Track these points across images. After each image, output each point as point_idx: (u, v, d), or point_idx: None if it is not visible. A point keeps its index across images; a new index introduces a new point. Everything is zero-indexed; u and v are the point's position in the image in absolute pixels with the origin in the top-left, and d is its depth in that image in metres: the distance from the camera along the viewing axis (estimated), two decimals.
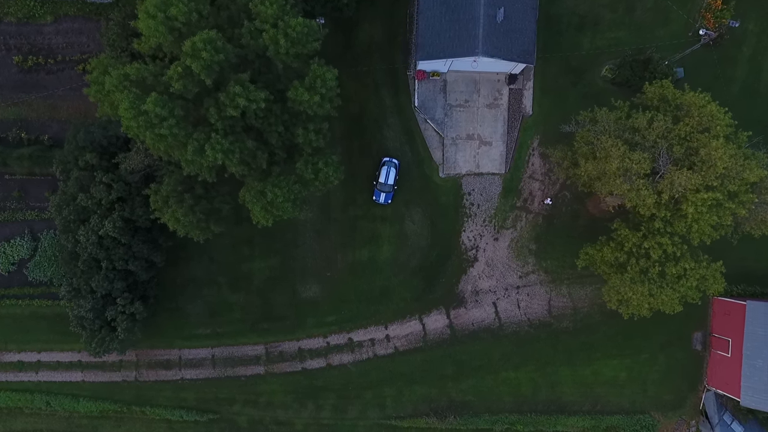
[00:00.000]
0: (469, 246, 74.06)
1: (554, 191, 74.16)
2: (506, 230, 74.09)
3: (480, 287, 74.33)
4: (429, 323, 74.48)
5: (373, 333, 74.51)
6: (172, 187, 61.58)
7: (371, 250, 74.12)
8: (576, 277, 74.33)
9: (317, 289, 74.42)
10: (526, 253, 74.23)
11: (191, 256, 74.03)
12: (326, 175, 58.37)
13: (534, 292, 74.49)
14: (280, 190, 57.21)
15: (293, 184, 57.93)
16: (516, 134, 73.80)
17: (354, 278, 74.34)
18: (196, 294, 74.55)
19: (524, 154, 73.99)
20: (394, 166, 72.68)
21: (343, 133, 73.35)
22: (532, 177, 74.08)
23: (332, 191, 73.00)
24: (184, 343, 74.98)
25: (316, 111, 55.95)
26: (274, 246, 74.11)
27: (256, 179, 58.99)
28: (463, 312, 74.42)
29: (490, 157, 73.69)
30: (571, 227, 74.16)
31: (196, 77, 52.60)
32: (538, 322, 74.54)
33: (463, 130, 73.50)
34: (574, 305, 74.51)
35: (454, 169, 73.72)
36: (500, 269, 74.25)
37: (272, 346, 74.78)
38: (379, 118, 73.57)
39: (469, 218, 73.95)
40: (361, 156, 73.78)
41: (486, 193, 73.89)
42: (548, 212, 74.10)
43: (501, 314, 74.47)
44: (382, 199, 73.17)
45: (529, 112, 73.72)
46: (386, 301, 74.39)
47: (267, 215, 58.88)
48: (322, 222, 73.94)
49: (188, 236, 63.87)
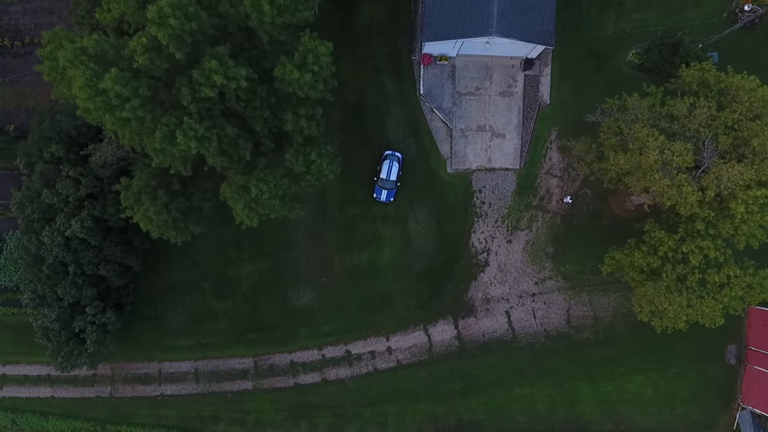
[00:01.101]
0: (480, 249, 64.06)
1: (574, 188, 64.16)
2: (521, 232, 64.07)
3: (491, 294, 64.32)
4: (435, 334, 64.48)
5: (373, 345, 64.44)
6: (144, 181, 51.51)
7: (371, 253, 64.03)
8: (598, 283, 64.29)
9: (311, 296, 64.39)
10: (542, 257, 64.21)
11: (172, 260, 63.98)
12: (320, 168, 48.20)
13: (551, 300, 64.46)
14: (265, 185, 47.10)
15: (281, 179, 47.80)
16: (532, 125, 63.80)
17: (352, 284, 64.25)
18: (178, 301, 64.47)
19: (541, 148, 63.96)
20: (397, 160, 62.70)
21: (341, 123, 63.32)
22: (550, 173, 64.06)
23: (328, 188, 63.04)
24: (164, 355, 64.82)
25: (308, 93, 45.89)
26: (263, 248, 64.10)
27: (239, 172, 48.91)
28: (473, 322, 64.40)
29: (504, 150, 63.67)
30: (592, 228, 64.10)
31: (164, 51, 42.53)
32: (556, 333, 64.51)
33: (474, 121, 63.47)
34: (596, 315, 64.48)
35: (463, 164, 63.74)
36: (514, 275, 64.23)
37: (262, 359, 64.71)
38: (381, 107, 63.50)
39: (480, 218, 63.94)
40: (360, 149, 63.70)
41: (498, 190, 63.90)
42: (567, 212, 64.08)
43: (515, 324, 64.45)
44: (383, 196, 63.17)
45: (546, 101, 63.69)
46: (388, 310, 64.35)
47: (251, 214, 48.80)
48: (317, 222, 63.92)
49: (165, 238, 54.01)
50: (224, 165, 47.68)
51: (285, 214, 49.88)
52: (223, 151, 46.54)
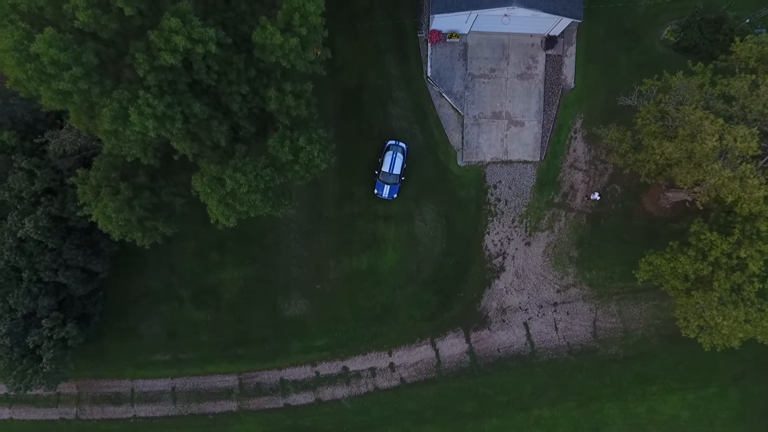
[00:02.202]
0: (495, 252, 54.02)
1: (601, 184, 54.04)
2: (541, 233, 54.02)
3: (508, 304, 54.27)
4: (444, 348, 54.42)
5: (373, 360, 54.40)
6: (103, 173, 41.44)
7: (372, 257, 53.96)
8: (628, 291, 54.23)
9: (304, 305, 54.31)
10: (565, 262, 54.15)
11: (146, 264, 53.78)
12: (310, 156, 38.03)
13: (575, 311, 54.43)
14: (244, 176, 37.00)
15: (263, 169, 37.61)
16: (554, 112, 53.76)
17: (350, 292, 54.19)
18: (153, 311, 54.29)
19: (564, 138, 53.88)
20: (401, 151, 52.69)
21: (337, 110, 53.19)
22: (574, 166, 53.97)
23: (323, 182, 52.95)
24: (137, 372, 54.63)
25: (295, 63, 35.78)
26: (250, 251, 54.02)
27: (214, 161, 38.92)
28: (487, 335, 54.36)
29: (522, 140, 53.62)
30: (622, 229, 53.97)
31: (113, 6, 32.70)
32: (580, 347, 54.48)
33: (488, 107, 53.42)
34: (626, 327, 54.45)
35: (476, 156, 53.71)
36: (533, 281, 54.20)
37: (247, 376, 54.62)
38: (383, 91, 53.44)
39: (495, 217, 53.91)
40: (359, 139, 53.58)
41: (516, 186, 53.84)
42: (594, 210, 54.00)
43: (534, 337, 54.42)
44: (385, 192, 53.12)
45: (570, 85, 53.62)
46: (390, 321, 54.29)
47: (227, 212, 38.67)
48: (311, 221, 53.86)
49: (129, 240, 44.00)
50: (194, 152, 37.69)
51: (268, 211, 39.68)
52: (191, 135, 36.50)
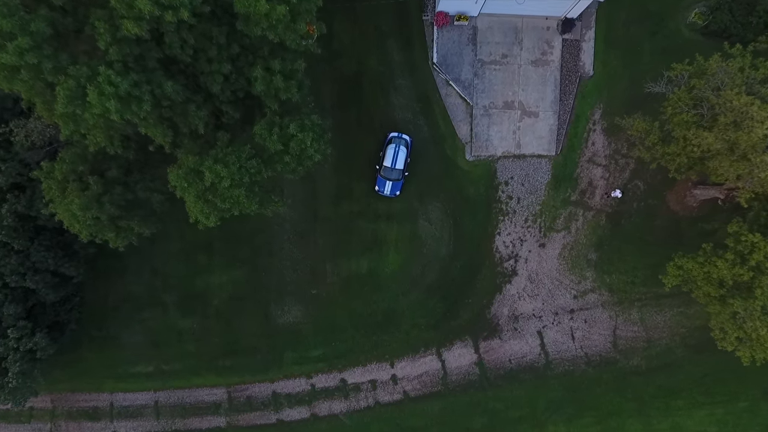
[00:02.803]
0: (506, 255, 48.33)
1: (622, 180, 48.29)
2: (556, 233, 48.31)
3: (520, 311, 48.57)
4: (450, 359, 48.69)
5: (374, 372, 48.66)
6: (69, 165, 35.87)
7: (372, 260, 48.20)
8: (651, 297, 48.50)
9: (298, 312, 48.59)
10: (583, 265, 48.44)
11: (127, 267, 48.01)
12: (302, 145, 32.23)
13: (594, 318, 48.72)
14: (225, 168, 31.23)
15: (248, 160, 31.90)
16: (571, 102, 48.03)
17: (349, 298, 48.44)
18: (134, 318, 48.55)
19: (582, 130, 48.11)
20: (405, 144, 47.01)
21: (335, 99, 47.41)
22: (593, 161, 48.24)
23: (318, 178, 47.25)
24: (117, 384, 48.80)
25: (284, 37, 29.98)
26: (240, 253, 48.28)
27: (193, 151, 33.27)
28: (498, 344, 48.65)
29: (536, 133, 47.91)
30: (645, 230, 48.21)
31: None
32: (599, 358, 48.75)
33: (499, 96, 47.72)
34: (648, 336, 48.71)
35: (486, 150, 48.02)
36: (548, 287, 48.47)
37: (237, 389, 48.85)
38: (384, 78, 47.63)
39: (507, 217, 48.21)
40: (359, 131, 47.80)
41: (529, 182, 48.14)
42: (614, 209, 48.26)
43: (549, 347, 48.75)
44: (387, 189, 47.41)
45: (588, 72, 47.91)
46: (392, 330, 48.60)
47: (206, 209, 32.88)
48: (306, 221, 48.13)
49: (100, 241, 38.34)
50: (169, 141, 32.06)
51: (255, 209, 33.94)
52: (165, 121, 30.86)
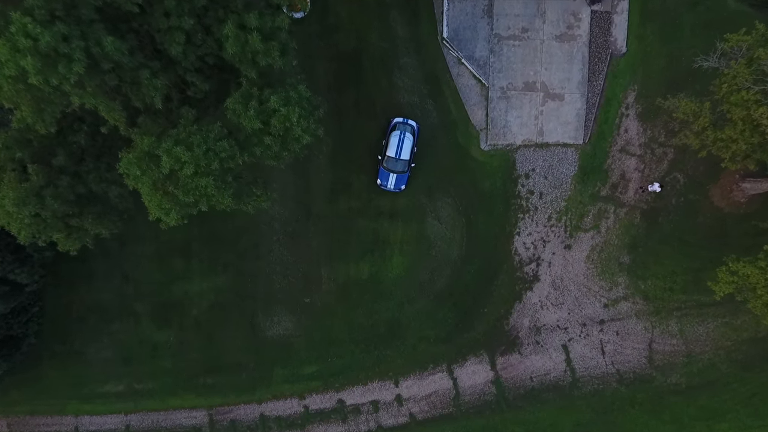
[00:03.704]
0: (527, 258, 40.75)
1: (659, 172, 40.76)
2: (584, 233, 40.74)
3: (543, 322, 41.00)
4: (463, 377, 41.10)
5: (376, 392, 41.05)
6: (6, 152, 28.24)
7: (374, 264, 40.55)
8: (692, 306, 40.91)
9: (290, 323, 40.95)
10: (614, 269, 40.82)
11: (93, 273, 40.36)
12: (286, 123, 24.46)
13: (627, 330, 41.13)
14: (188, 152, 23.42)
15: (217, 141, 24.38)
16: (601, 83, 40.44)
17: (347, 307, 40.76)
18: (102, 330, 40.85)
19: (613, 115, 40.52)
20: (411, 131, 39.44)
21: (331, 80, 39.78)
22: (626, 150, 40.65)
23: (312, 169, 39.68)
24: (82, 406, 40.92)
25: None
26: (222, 256, 40.63)
27: (153, 132, 25.67)
28: (517, 360, 41.04)
29: (561, 118, 40.35)
30: (685, 229, 40.58)
31: None
32: (633, 375, 41.14)
33: (519, 76, 40.15)
34: (689, 350, 41.09)
35: (503, 138, 40.47)
36: (574, 294, 40.92)
37: (220, 411, 41.16)
38: (387, 56, 39.95)
39: (527, 214, 40.66)
40: (358, 116, 40.20)
41: (553, 175, 40.57)
42: (650, 205, 40.69)
43: (575, 363, 41.14)
44: (391, 183, 39.76)
45: (621, 49, 40.34)
46: (397, 343, 40.93)
47: (166, 203, 25.24)
48: (298, 219, 40.55)
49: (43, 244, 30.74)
50: (116, 117, 24.51)
51: (229, 204, 26.36)
52: (110, 91, 23.43)
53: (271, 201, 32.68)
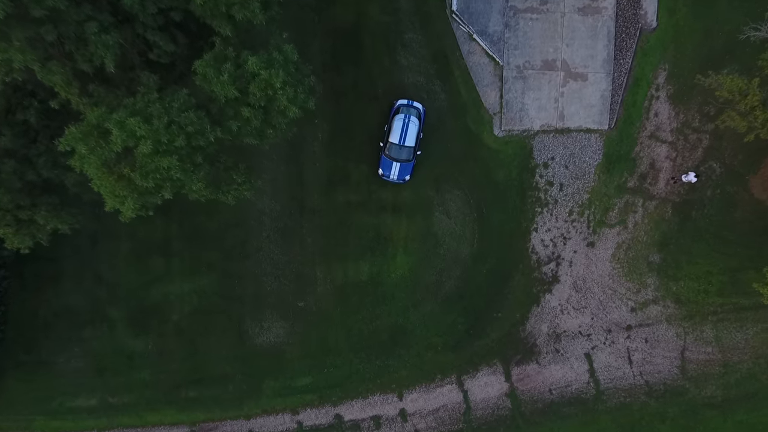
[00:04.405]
0: (546, 257, 35.56)
1: (693, 161, 35.57)
2: (609, 229, 35.52)
3: (563, 328, 35.78)
4: (475, 390, 35.85)
5: (377, 406, 35.76)
6: None
7: (375, 264, 35.24)
8: (729, 310, 35.61)
9: (281, 330, 35.66)
10: (643, 269, 35.59)
11: (62, 274, 35.02)
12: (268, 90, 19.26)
13: (656, 337, 35.90)
14: (145, 124, 18.32)
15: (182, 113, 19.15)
16: (629, 61, 35.19)
17: (345, 312, 35.44)
18: (72, 338, 35.56)
19: (642, 97, 35.25)
20: (416, 115, 34.22)
21: (327, 58, 34.57)
22: (656, 136, 35.47)
23: (306, 157, 34.41)
24: (50, 422, 35.26)
25: None
26: (206, 255, 35.34)
27: (103, 102, 20.42)
28: (535, 370, 35.81)
29: (584, 100, 35.16)
30: (722, 224, 35.26)
31: None
32: (663, 387, 35.93)
33: (537, 54, 34.93)
34: (725, 359, 35.88)
35: (519, 123, 35.28)
36: (598, 297, 35.70)
37: (204, 428, 35.75)
38: (390, 32, 34.77)
39: (546, 208, 35.49)
40: (358, 99, 34.96)
41: (575, 164, 35.37)
42: (683, 198, 35.49)
43: (599, 374, 35.92)
44: (394, 173, 34.32)
45: (651, 24, 35.10)
46: (401, 352, 35.63)
47: (120, 189, 20.03)
48: (290, 214, 35.29)
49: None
50: (61, 83, 19.36)
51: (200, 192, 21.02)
52: (46, 46, 18.26)
53: (256, 190, 27.33)
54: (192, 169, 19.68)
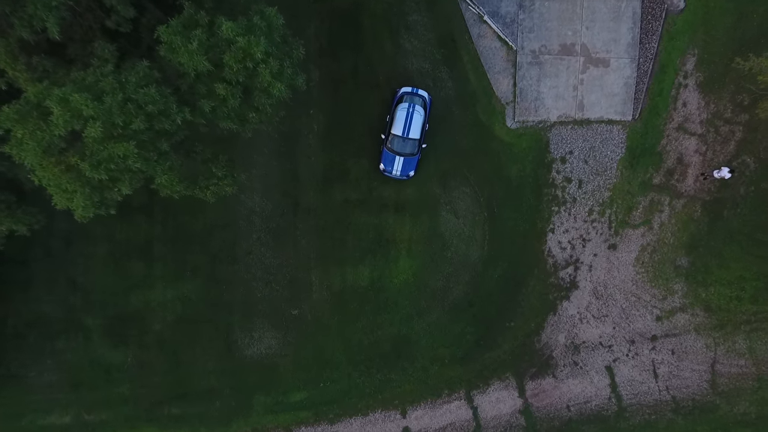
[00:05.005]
0: (563, 260, 31.74)
1: (725, 155, 31.80)
2: (633, 230, 31.70)
3: (582, 338, 31.94)
4: (485, 406, 32.02)
5: (379, 424, 31.86)
6: None
7: (376, 268, 31.35)
8: (765, 319, 31.94)
9: (273, 340, 31.79)
10: (669, 274, 31.76)
11: (32, 279, 31.04)
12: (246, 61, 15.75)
13: (684, 348, 32.08)
14: (95, 102, 14.78)
15: (139, 88, 15.44)
16: (655, 46, 31.39)
17: (343, 321, 31.56)
18: (44, 349, 31.66)
19: (669, 85, 31.44)
20: (422, 104, 30.39)
21: (323, 43, 30.79)
22: (684, 128, 31.66)
23: (300, 151, 30.67)
24: None
25: None
26: (191, 258, 31.49)
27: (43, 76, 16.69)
28: (551, 385, 31.97)
29: (606, 89, 31.34)
30: (756, 225, 31.50)
31: None
32: (692, 403, 32.12)
33: (555, 38, 31.15)
34: (760, 372, 32.00)
35: (535, 113, 31.47)
36: (621, 304, 31.84)
37: None
38: (392, 13, 30.91)
39: (563, 207, 31.69)
40: (357, 87, 31.09)
41: (596, 158, 31.52)
42: (713, 195, 31.67)
43: (622, 389, 32.06)
44: (397, 168, 30.38)
45: (679, 5, 31.23)
46: (404, 364, 31.80)
47: (67, 182, 16.37)
48: (284, 214, 31.43)
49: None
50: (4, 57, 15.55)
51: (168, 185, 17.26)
52: None
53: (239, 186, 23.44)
54: (156, 159, 15.84)
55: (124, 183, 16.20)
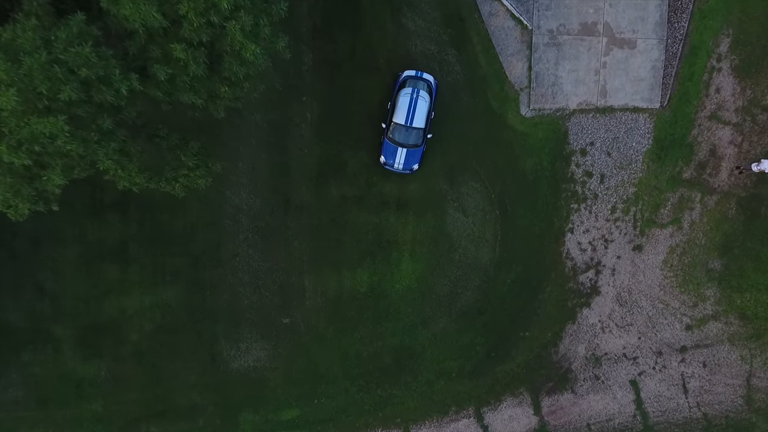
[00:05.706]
0: (583, 263, 28.06)
1: (762, 146, 28.24)
2: (661, 230, 28.04)
3: (604, 349, 28.24)
4: (497, 424, 28.33)
5: None
6: None
7: (376, 272, 27.72)
8: None
9: (262, 351, 28.10)
10: (701, 278, 28.10)
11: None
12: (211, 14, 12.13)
13: (717, 361, 28.40)
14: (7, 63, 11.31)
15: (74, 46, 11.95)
16: (684, 26, 27.69)
17: (339, 330, 27.92)
18: (9, 362, 28.01)
19: (701, 69, 27.78)
20: (427, 89, 26.65)
21: (317, 22, 27.27)
22: (717, 117, 27.99)
23: (292, 141, 26.92)
24: None
25: None
26: (171, 261, 27.80)
27: None
28: (569, 401, 28.31)
29: (631, 73, 27.63)
30: None
31: None
32: (725, 421, 28.43)
33: (575, 15, 27.42)
34: None
35: (552, 100, 27.78)
36: (647, 312, 28.17)
37: None
38: None
39: (583, 204, 28.05)
40: (355, 71, 27.46)
41: (619, 150, 27.84)
42: (750, 192, 28.01)
43: (648, 405, 28.43)
44: (400, 161, 26.92)
45: None
46: (407, 379, 28.17)
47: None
48: (274, 212, 27.77)
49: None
50: None
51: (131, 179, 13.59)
52: None
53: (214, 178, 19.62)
54: (96, 140, 12.13)
55: (56, 170, 12.45)
